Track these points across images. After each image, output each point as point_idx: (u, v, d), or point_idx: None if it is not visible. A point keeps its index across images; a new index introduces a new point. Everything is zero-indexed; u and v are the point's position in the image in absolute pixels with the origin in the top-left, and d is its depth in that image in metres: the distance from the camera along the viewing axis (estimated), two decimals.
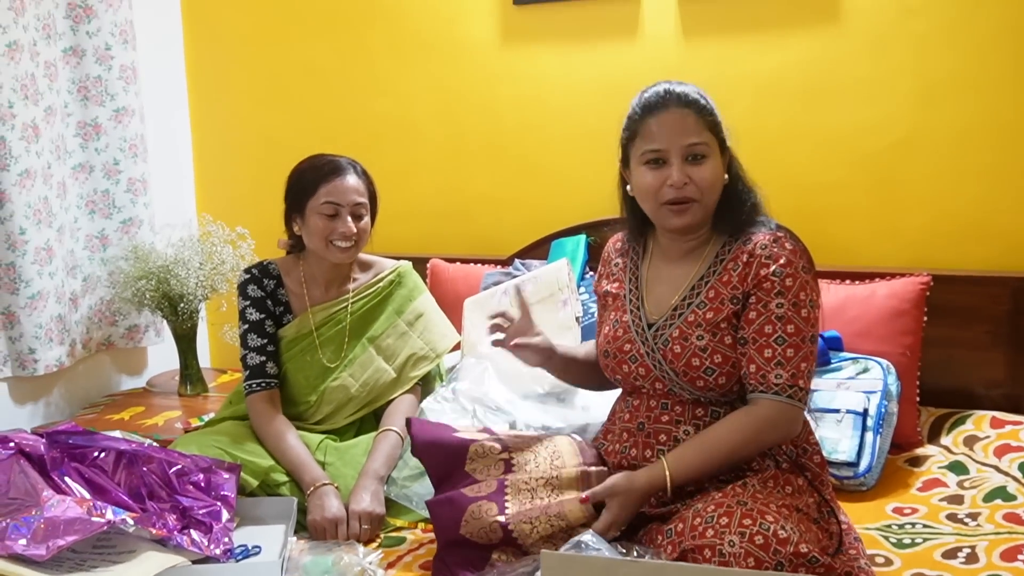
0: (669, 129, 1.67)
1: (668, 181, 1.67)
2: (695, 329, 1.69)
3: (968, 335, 2.43)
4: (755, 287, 1.66)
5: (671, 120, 1.67)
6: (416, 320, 2.32)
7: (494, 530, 1.65)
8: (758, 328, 1.65)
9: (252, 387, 2.17)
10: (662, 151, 1.68)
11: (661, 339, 1.72)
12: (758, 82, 2.62)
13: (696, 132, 1.67)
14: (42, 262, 2.65)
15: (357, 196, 2.17)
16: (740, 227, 1.73)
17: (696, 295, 1.72)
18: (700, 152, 1.67)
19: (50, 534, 1.58)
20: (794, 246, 1.68)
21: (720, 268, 1.72)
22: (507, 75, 2.91)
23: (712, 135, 1.68)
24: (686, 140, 1.66)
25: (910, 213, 2.55)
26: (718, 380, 1.67)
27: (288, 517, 1.93)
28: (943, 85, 2.48)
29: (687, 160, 1.67)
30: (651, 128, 1.69)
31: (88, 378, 2.96)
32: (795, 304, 1.64)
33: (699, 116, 1.68)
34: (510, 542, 1.65)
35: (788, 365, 1.62)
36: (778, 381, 1.62)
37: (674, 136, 1.66)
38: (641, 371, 1.74)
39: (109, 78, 2.89)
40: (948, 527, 1.89)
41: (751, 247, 1.69)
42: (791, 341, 1.63)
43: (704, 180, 1.67)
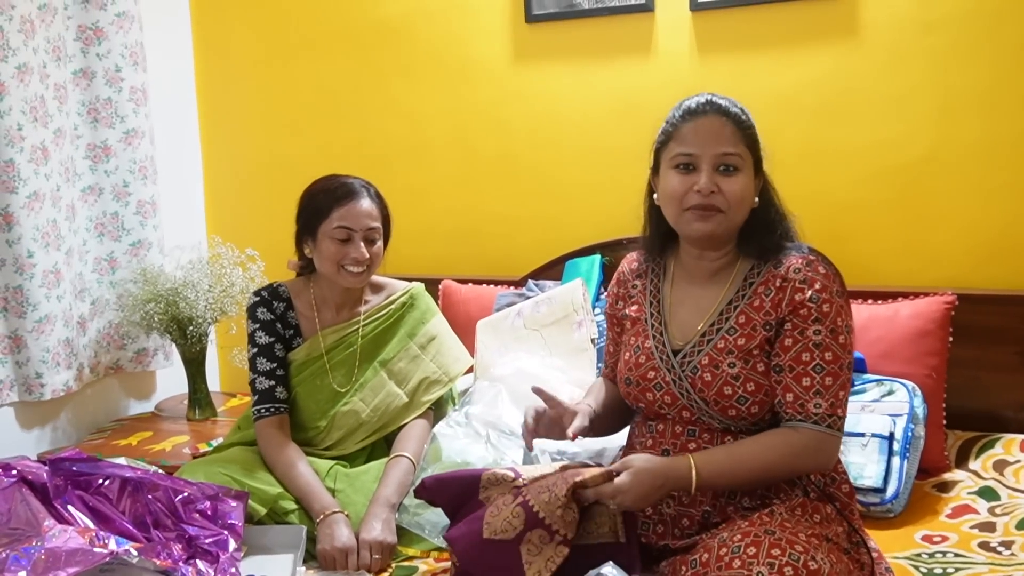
0: (704, 135, 1.62)
1: (695, 186, 1.61)
2: (726, 356, 1.63)
3: (995, 356, 2.37)
4: (790, 313, 1.60)
5: (707, 126, 1.63)
6: (429, 343, 2.27)
7: (517, 515, 1.57)
8: (795, 356, 1.59)
9: (261, 412, 2.12)
10: (693, 156, 1.63)
11: (689, 366, 1.65)
12: (775, 99, 2.58)
13: (731, 143, 1.62)
14: (50, 285, 2.62)
15: (371, 221, 2.13)
16: (769, 251, 1.67)
17: (725, 320, 1.66)
18: (732, 163, 1.62)
19: (51, 566, 1.53)
20: (827, 270, 1.63)
21: (750, 292, 1.66)
22: (519, 94, 2.88)
23: (748, 151, 1.63)
24: (720, 148, 1.61)
25: (933, 231, 2.49)
26: (751, 409, 1.61)
27: (297, 546, 1.87)
28: (964, 100, 2.43)
29: (718, 170, 1.62)
30: (686, 132, 1.64)
31: (96, 403, 2.92)
32: (832, 331, 1.58)
33: (737, 128, 1.63)
34: (535, 522, 1.55)
35: (827, 394, 1.57)
36: (817, 411, 1.56)
37: (708, 142, 1.62)
38: (667, 399, 1.67)
39: (119, 100, 2.87)
40: (981, 556, 1.82)
41: (783, 271, 1.63)
42: (829, 369, 1.57)
43: (733, 193, 1.61)
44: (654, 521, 1.66)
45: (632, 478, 1.52)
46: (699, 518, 1.61)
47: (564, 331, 2.40)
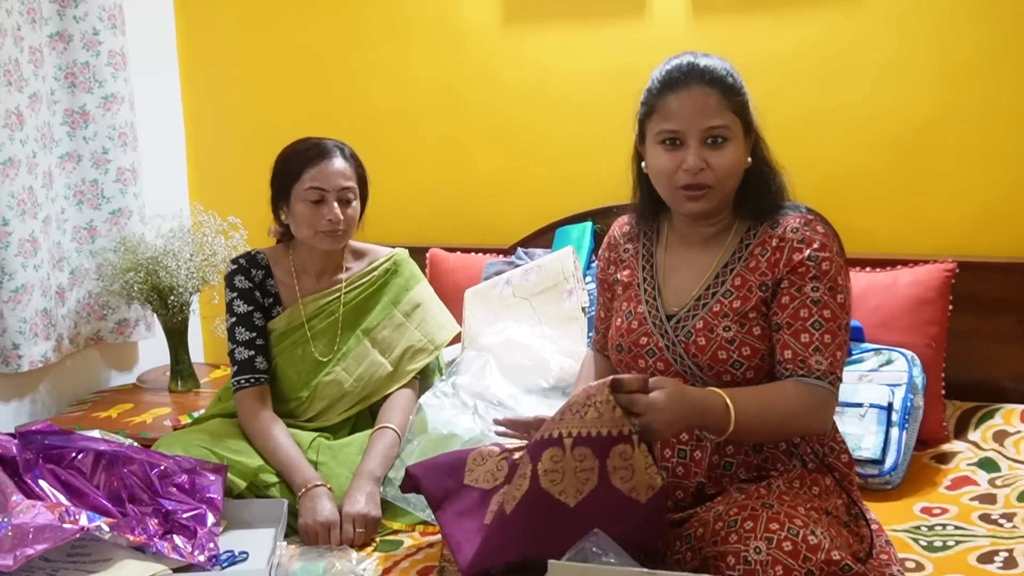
0: (689, 109, 1.53)
1: (684, 165, 1.53)
2: (721, 320, 1.56)
3: (995, 325, 2.32)
4: (788, 272, 1.54)
5: (692, 99, 1.53)
6: (413, 311, 2.21)
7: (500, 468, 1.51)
8: (792, 313, 1.52)
9: (240, 383, 2.06)
10: (679, 132, 1.54)
11: (683, 331, 1.59)
12: (774, 63, 2.51)
13: (718, 114, 1.52)
14: (26, 254, 2.54)
15: (344, 180, 2.06)
16: (765, 212, 1.60)
17: (721, 283, 1.59)
18: (720, 135, 1.53)
19: (18, 542, 1.47)
20: (826, 229, 1.57)
21: (746, 254, 1.59)
22: (509, 58, 2.81)
23: (736, 117, 1.54)
24: (706, 123, 1.52)
25: (934, 198, 2.44)
26: (746, 375, 1.54)
27: (278, 520, 1.83)
28: (969, 65, 2.37)
29: (705, 143, 1.53)
30: (670, 106, 1.54)
31: (76, 374, 2.86)
32: (831, 288, 1.52)
33: (724, 96, 1.53)
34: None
35: (826, 352, 1.50)
36: (819, 367, 1.49)
37: (694, 117, 1.52)
38: (660, 366, 1.61)
39: (97, 64, 2.78)
40: (982, 528, 1.78)
41: (781, 231, 1.57)
42: (828, 327, 1.51)
43: (722, 166, 1.53)
44: None
45: (667, 398, 1.37)
46: (693, 490, 1.56)
47: (554, 300, 2.35)
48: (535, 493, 1.39)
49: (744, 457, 1.55)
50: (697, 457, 1.56)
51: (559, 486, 1.37)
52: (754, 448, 1.56)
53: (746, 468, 1.55)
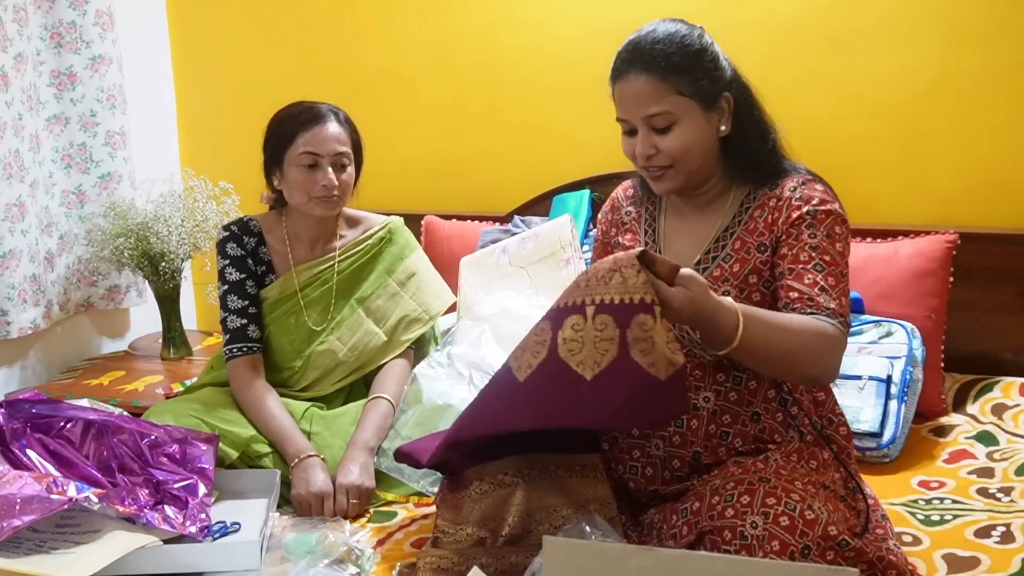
0: (629, 99, 1.53)
1: (636, 150, 1.55)
2: (721, 284, 1.55)
3: (996, 297, 2.31)
4: (787, 227, 1.52)
5: (630, 89, 1.53)
6: (408, 280, 2.18)
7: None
8: (793, 258, 1.49)
9: (233, 352, 2.03)
10: (627, 121, 1.56)
11: None
12: (774, 28, 2.47)
13: (656, 100, 1.50)
14: (14, 219, 2.50)
15: (338, 145, 2.02)
16: (763, 174, 1.58)
17: (721, 248, 1.58)
18: (663, 123, 1.52)
19: (4, 514, 1.45)
20: (825, 188, 1.55)
21: (746, 217, 1.58)
22: (506, 22, 2.75)
23: (683, 97, 1.51)
24: (646, 110, 1.51)
25: (936, 167, 2.41)
26: None
27: (270, 491, 1.81)
28: (972, 30, 2.32)
29: (653, 129, 1.53)
30: (616, 95, 1.57)
31: (67, 341, 2.82)
32: (829, 236, 1.49)
33: (662, 81, 1.50)
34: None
35: (832, 293, 1.45)
36: (828, 306, 1.44)
37: (634, 106, 1.53)
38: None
39: (84, 24, 2.72)
40: (979, 503, 1.77)
41: (779, 191, 1.55)
42: (830, 270, 1.47)
43: (672, 149, 1.52)
44: (642, 464, 1.59)
45: (684, 299, 1.30)
46: (690, 459, 1.55)
47: (551, 269, 2.32)
48: (552, 364, 1.32)
49: (741, 427, 1.54)
50: (694, 426, 1.54)
51: (577, 356, 1.30)
52: (751, 417, 1.54)
53: (743, 438, 1.54)
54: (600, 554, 1.10)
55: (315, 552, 1.61)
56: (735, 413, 1.54)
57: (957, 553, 1.58)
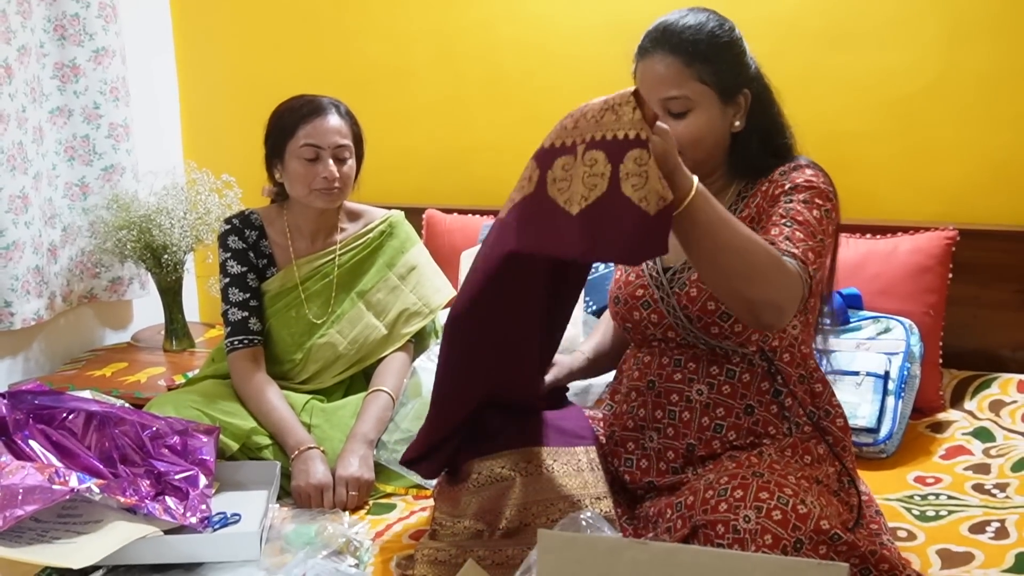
0: (650, 79, 1.52)
1: None
2: None
3: (995, 294, 2.31)
4: (771, 204, 1.51)
5: (652, 69, 1.51)
6: (408, 273, 2.19)
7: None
8: (765, 221, 1.49)
9: (234, 344, 2.05)
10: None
11: (678, 283, 1.58)
12: (775, 22, 2.46)
13: (676, 84, 1.49)
14: (17, 211, 2.51)
15: (339, 138, 2.03)
16: (763, 171, 1.58)
17: None
18: (680, 108, 1.50)
19: (7, 503, 1.47)
20: (816, 170, 1.54)
21: (742, 206, 1.58)
22: (509, 16, 2.75)
23: (705, 84, 1.50)
24: (664, 93, 1.50)
25: (936, 163, 2.41)
26: (734, 327, 1.52)
27: (270, 483, 1.82)
28: (974, 26, 2.32)
29: (668, 113, 1.51)
30: (639, 74, 1.55)
31: (69, 332, 2.84)
32: (805, 202, 1.48)
33: (687, 66, 1.49)
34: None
35: (796, 242, 1.42)
36: (788, 248, 1.41)
37: (654, 87, 1.51)
38: (654, 317, 1.60)
39: (87, 16, 2.72)
40: (975, 499, 1.78)
41: (772, 176, 1.55)
42: (798, 227, 1.44)
43: (684, 135, 1.49)
44: (637, 456, 1.61)
45: (659, 146, 1.24)
46: (683, 451, 1.56)
47: None
48: (538, 199, 1.33)
49: (735, 420, 1.54)
50: (686, 418, 1.56)
51: (564, 195, 1.29)
52: (745, 410, 1.54)
53: (737, 431, 1.54)
54: (594, 547, 1.12)
55: (314, 543, 1.62)
56: (728, 406, 1.55)
57: (951, 548, 1.59)
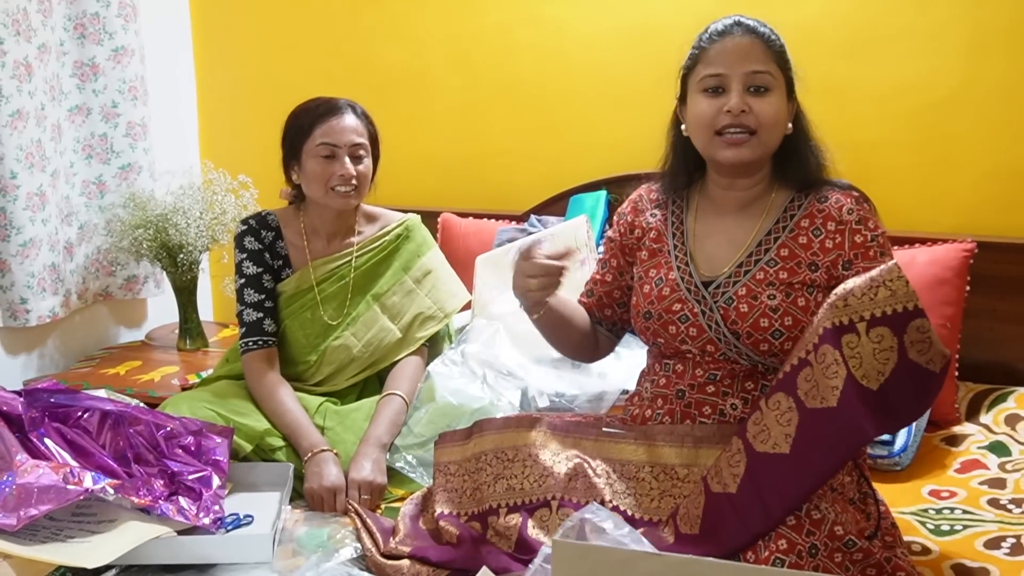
0: (732, 54, 1.55)
1: (726, 107, 1.54)
2: (766, 288, 1.55)
3: (1012, 307, 2.29)
4: (855, 255, 1.55)
5: (735, 45, 1.55)
6: (424, 277, 2.19)
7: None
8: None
9: (248, 345, 2.05)
10: (723, 76, 1.55)
11: (723, 298, 1.57)
12: (796, 32, 2.38)
13: (762, 60, 1.54)
14: (35, 208, 2.52)
15: (356, 136, 2.04)
16: (807, 183, 1.60)
17: (764, 251, 1.58)
18: (763, 83, 1.54)
19: (22, 502, 1.47)
20: (871, 205, 1.60)
21: (792, 224, 1.59)
22: (526, 21, 2.75)
23: (779, 70, 1.56)
24: (749, 67, 1.54)
25: (956, 175, 2.39)
26: (784, 345, 1.53)
27: (283, 485, 1.82)
28: (994, 36, 2.31)
29: (748, 90, 1.54)
30: (714, 53, 1.57)
31: (84, 330, 2.85)
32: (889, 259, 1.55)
33: (767, 47, 1.56)
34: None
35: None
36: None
37: (737, 61, 1.54)
38: (692, 331, 1.59)
39: (107, 15, 2.74)
40: (990, 514, 1.76)
41: (833, 210, 1.57)
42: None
43: (765, 113, 1.54)
44: None
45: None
46: None
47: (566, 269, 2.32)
48: (850, 382, 1.36)
49: None
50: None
51: (859, 371, 1.34)
52: None
53: None
54: (607, 557, 1.11)
55: (326, 546, 1.62)
56: None
57: (966, 564, 1.57)
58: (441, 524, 1.62)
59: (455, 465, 1.70)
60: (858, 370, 1.33)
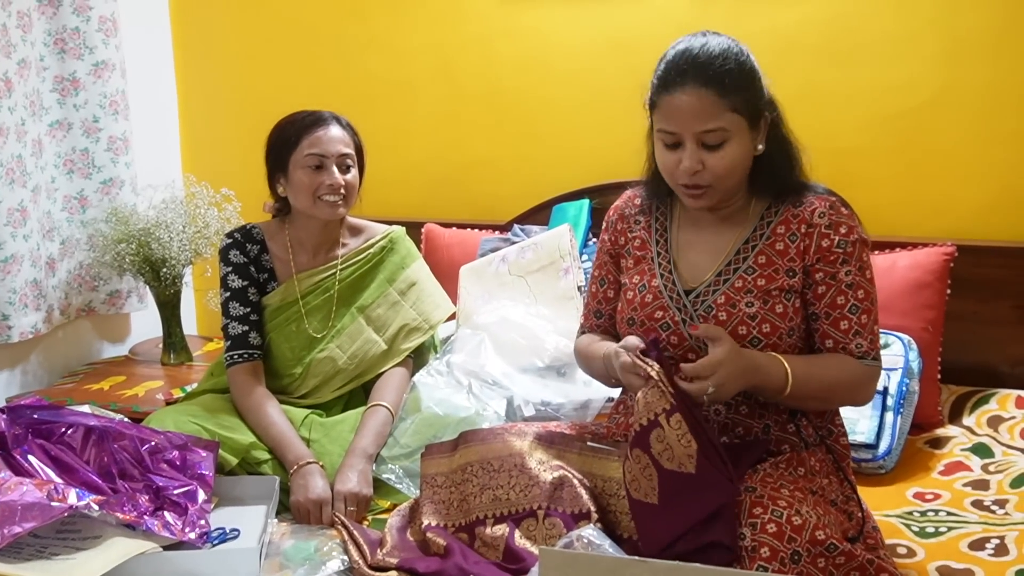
0: (684, 112, 1.49)
1: (680, 166, 1.52)
2: (744, 295, 1.56)
3: (993, 309, 2.32)
4: (819, 260, 1.55)
5: (686, 102, 1.48)
6: (409, 289, 2.19)
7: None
8: (830, 302, 1.55)
9: (233, 358, 2.04)
10: (676, 134, 1.51)
11: (703, 306, 1.58)
12: (774, 38, 2.47)
13: (713, 116, 1.48)
14: (16, 224, 2.51)
15: (342, 147, 2.05)
16: (784, 191, 1.60)
17: (743, 260, 1.59)
18: (716, 140, 1.50)
19: (6, 520, 1.46)
20: (849, 211, 1.58)
21: (768, 231, 1.59)
22: (508, 32, 2.76)
23: (737, 114, 1.49)
24: (700, 126, 1.49)
25: (935, 179, 2.41)
26: (764, 351, 1.53)
27: (269, 497, 1.81)
28: (972, 43, 2.33)
29: (702, 145, 1.50)
30: (666, 107, 1.51)
31: (68, 345, 2.84)
32: (860, 268, 1.55)
33: (721, 96, 1.48)
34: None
35: (865, 332, 1.54)
36: (860, 350, 1.54)
37: (688, 121, 1.49)
38: (673, 339, 1.59)
39: (88, 30, 2.74)
40: (974, 515, 1.78)
41: (806, 214, 1.57)
42: (863, 307, 1.55)
43: (719, 167, 1.51)
44: None
45: (730, 349, 1.42)
46: None
47: (550, 278, 2.33)
48: (630, 503, 1.47)
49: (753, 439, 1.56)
50: None
51: (640, 492, 1.43)
52: (763, 430, 1.56)
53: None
54: (595, 565, 1.11)
55: (313, 559, 1.62)
56: (747, 425, 1.56)
57: (951, 565, 1.59)
58: (428, 535, 1.62)
59: (442, 477, 1.70)
60: (639, 491, 1.43)
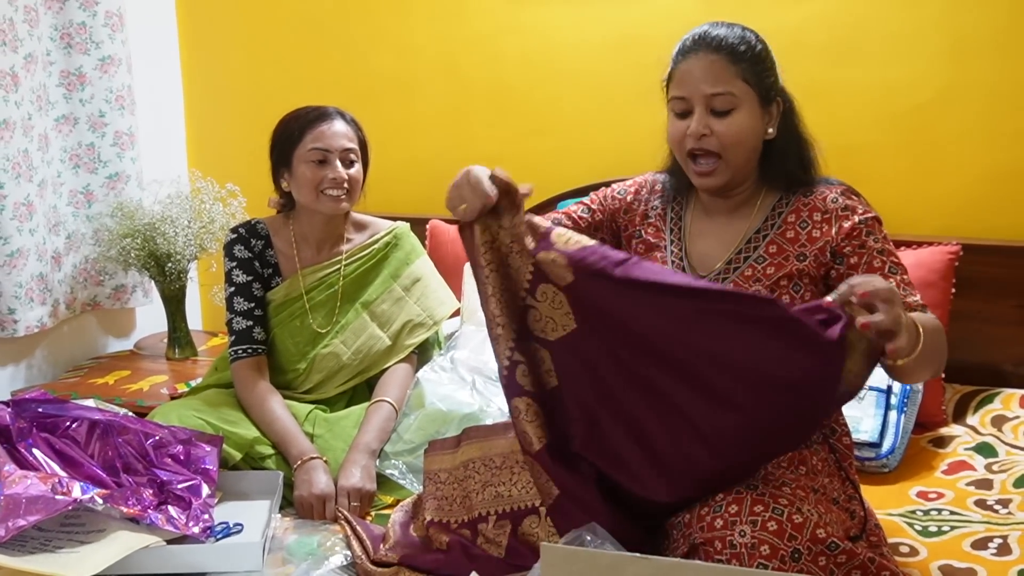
0: (694, 76, 1.53)
1: (688, 130, 1.55)
2: (752, 284, 1.56)
3: (998, 309, 2.31)
4: (845, 239, 1.54)
5: (697, 66, 1.53)
6: (413, 285, 2.19)
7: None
8: (866, 267, 1.52)
9: (238, 353, 2.05)
10: (685, 99, 1.55)
11: None
12: (780, 35, 2.39)
13: (723, 81, 1.52)
14: (22, 218, 2.52)
15: (346, 141, 2.05)
16: (795, 182, 1.60)
17: (753, 249, 1.59)
18: (724, 105, 1.52)
19: (11, 513, 1.47)
20: (860, 198, 1.59)
21: (779, 221, 1.59)
22: (513, 29, 2.76)
23: (747, 84, 1.53)
24: (709, 89, 1.52)
25: (940, 178, 2.41)
26: None
27: (273, 492, 1.82)
28: (977, 40, 2.32)
29: (711, 111, 1.53)
30: (679, 74, 1.56)
31: (73, 340, 2.84)
32: (884, 238, 1.55)
33: (732, 64, 1.52)
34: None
35: (913, 289, 1.51)
36: (917, 304, 1.48)
37: (697, 84, 1.53)
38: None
39: (94, 25, 2.74)
40: (977, 514, 1.77)
41: (819, 202, 1.57)
42: (900, 268, 1.53)
43: (726, 134, 1.53)
44: None
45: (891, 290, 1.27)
46: None
47: None
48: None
49: None
50: None
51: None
52: None
53: None
54: (596, 562, 1.12)
55: (316, 554, 1.62)
56: None
57: (954, 564, 1.58)
58: (431, 531, 1.62)
59: (445, 473, 1.70)
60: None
